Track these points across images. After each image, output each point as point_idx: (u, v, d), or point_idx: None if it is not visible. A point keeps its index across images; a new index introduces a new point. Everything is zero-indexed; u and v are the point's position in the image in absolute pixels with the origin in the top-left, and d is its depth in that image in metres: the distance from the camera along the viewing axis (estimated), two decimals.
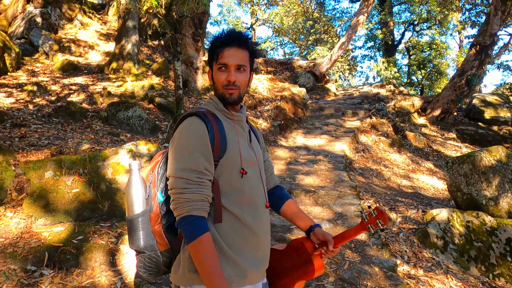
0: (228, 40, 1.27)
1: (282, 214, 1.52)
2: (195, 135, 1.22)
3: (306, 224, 1.45)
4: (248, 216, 1.27)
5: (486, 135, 9.64)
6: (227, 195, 1.25)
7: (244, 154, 1.30)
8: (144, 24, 11.81)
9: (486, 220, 3.85)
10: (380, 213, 1.34)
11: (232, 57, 1.26)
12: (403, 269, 3.25)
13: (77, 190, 3.20)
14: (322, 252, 1.38)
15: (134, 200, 1.28)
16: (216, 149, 1.23)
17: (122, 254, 2.85)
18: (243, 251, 1.26)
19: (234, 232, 1.25)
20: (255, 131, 1.51)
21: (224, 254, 1.23)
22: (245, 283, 1.26)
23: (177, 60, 5.87)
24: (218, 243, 1.23)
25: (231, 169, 1.26)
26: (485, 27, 9.96)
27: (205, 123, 1.24)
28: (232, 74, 1.26)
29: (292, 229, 3.63)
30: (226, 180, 1.26)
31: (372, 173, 6.35)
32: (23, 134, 4.49)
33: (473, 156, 4.19)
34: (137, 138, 5.47)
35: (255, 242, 1.29)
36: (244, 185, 1.27)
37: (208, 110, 1.32)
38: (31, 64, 8.57)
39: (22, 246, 2.65)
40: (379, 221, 1.34)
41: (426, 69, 16.60)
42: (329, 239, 1.36)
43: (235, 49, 1.27)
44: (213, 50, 1.30)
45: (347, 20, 21.56)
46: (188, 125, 1.25)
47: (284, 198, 1.52)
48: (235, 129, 1.33)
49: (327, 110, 9.81)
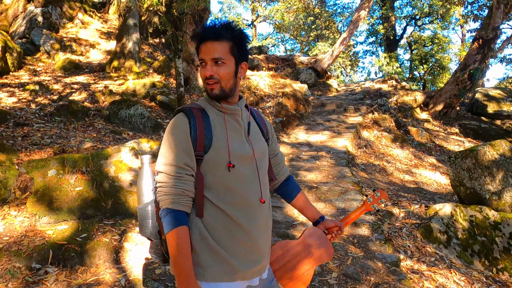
0: (204, 35, 1.26)
1: (293, 204, 1.61)
2: (178, 131, 1.25)
3: (314, 216, 1.59)
4: (239, 214, 1.25)
5: (489, 129, 9.59)
6: (215, 192, 1.25)
7: (235, 149, 1.27)
8: (145, 22, 11.79)
9: (489, 215, 3.84)
10: (382, 193, 1.63)
11: (207, 52, 1.25)
12: (406, 264, 3.25)
13: (80, 188, 3.22)
14: (332, 236, 1.55)
15: (144, 191, 1.35)
16: (200, 145, 1.24)
17: (126, 252, 2.86)
18: (233, 248, 1.25)
19: (223, 229, 1.25)
20: (262, 122, 1.48)
21: (212, 250, 1.24)
22: (235, 278, 1.26)
23: (178, 57, 5.87)
24: (205, 239, 1.24)
25: (219, 164, 1.25)
26: (488, 20, 9.88)
27: (188, 119, 1.26)
28: (208, 69, 1.25)
29: (295, 225, 3.64)
30: (213, 175, 1.25)
31: (375, 169, 6.33)
32: (26, 133, 4.51)
33: (476, 151, 4.17)
34: (139, 136, 5.48)
35: (249, 242, 1.28)
36: (233, 181, 1.26)
37: (198, 105, 1.33)
38: (32, 63, 8.59)
39: (26, 244, 2.66)
40: (382, 199, 1.60)
41: (428, 63, 16.50)
42: (339, 223, 1.56)
43: (211, 43, 1.25)
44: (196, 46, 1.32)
45: (348, 15, 21.47)
46: (174, 122, 1.29)
47: (297, 190, 1.60)
48: (225, 122, 1.31)
49: (329, 106, 9.79)
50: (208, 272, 1.23)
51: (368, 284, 2.76)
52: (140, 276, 2.63)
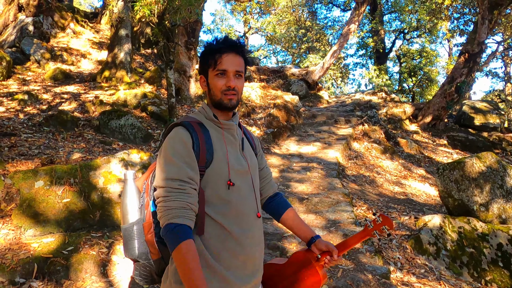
0: (226, 47, 1.28)
1: (282, 222, 1.51)
2: (180, 145, 1.22)
3: (307, 235, 1.45)
4: (236, 227, 1.25)
5: (477, 141, 9.78)
6: (214, 206, 1.24)
7: (233, 164, 1.28)
8: (137, 32, 11.83)
9: (477, 226, 3.89)
10: (386, 219, 1.39)
11: (231, 63, 1.28)
12: (396, 276, 3.26)
13: (67, 200, 3.16)
14: (325, 262, 1.38)
15: (129, 210, 1.30)
16: (202, 159, 1.23)
17: (114, 265, 2.81)
18: (230, 264, 1.24)
19: (220, 244, 1.23)
20: (250, 138, 1.49)
21: (209, 266, 1.21)
22: None
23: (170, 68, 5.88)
24: (203, 255, 1.21)
25: (218, 180, 1.25)
26: (473, 35, 10.17)
27: (190, 133, 1.25)
28: (232, 80, 1.27)
29: (286, 237, 3.62)
30: (213, 190, 1.24)
31: (365, 180, 6.38)
32: (13, 144, 4.43)
33: (464, 163, 4.24)
34: (129, 147, 5.44)
35: (243, 255, 1.27)
36: (232, 196, 1.25)
37: (195, 119, 1.31)
38: (22, 72, 8.51)
39: (10, 258, 2.60)
40: (385, 226, 1.38)
41: (417, 76, 16.84)
42: (333, 248, 1.38)
43: (233, 55, 1.28)
44: (209, 56, 1.30)
45: (338, 28, 21.85)
46: (174, 136, 1.26)
47: (285, 207, 1.52)
48: (223, 137, 1.32)
49: (319, 117, 9.87)
50: None
51: None
52: None
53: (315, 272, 1.38)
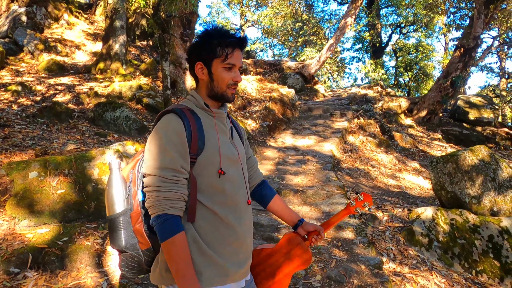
0: (239, 43, 1.31)
1: (269, 209, 1.57)
2: (172, 133, 1.21)
3: (293, 219, 1.55)
4: (229, 215, 1.26)
5: (471, 136, 9.86)
6: (207, 194, 1.25)
7: (225, 152, 1.29)
8: (132, 24, 11.70)
9: (469, 218, 3.94)
10: (367, 196, 1.56)
11: (239, 59, 1.32)
12: (389, 267, 3.30)
13: (62, 191, 3.16)
14: (312, 241, 1.49)
15: (115, 200, 1.27)
16: (194, 146, 1.22)
17: (108, 255, 2.82)
18: (224, 251, 1.25)
19: (214, 231, 1.24)
20: (238, 127, 1.51)
21: (204, 254, 1.22)
22: (226, 281, 1.26)
23: (165, 60, 5.85)
24: (197, 243, 1.22)
25: (211, 167, 1.25)
26: (469, 30, 10.19)
27: (182, 120, 1.24)
28: (239, 75, 1.33)
29: (279, 229, 3.65)
30: (205, 178, 1.25)
31: (360, 173, 6.42)
32: (7, 135, 4.40)
33: (457, 156, 4.28)
34: (124, 139, 5.42)
35: (236, 242, 1.29)
36: (225, 183, 1.26)
37: (186, 107, 1.31)
38: (15, 63, 8.41)
39: (5, 248, 2.60)
40: (366, 203, 1.55)
41: (413, 71, 16.87)
42: (319, 227, 1.50)
43: (240, 51, 1.33)
44: (219, 47, 1.29)
45: (335, 22, 21.78)
46: (165, 123, 1.24)
47: (271, 194, 1.57)
48: (215, 125, 1.32)
49: (315, 111, 9.89)
50: (204, 277, 1.21)
51: (351, 287, 2.79)
52: (121, 280, 2.59)
53: (307, 250, 1.48)
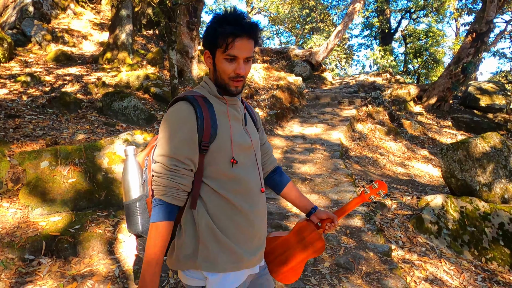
0: (241, 31, 1.18)
1: (283, 196, 1.57)
2: (181, 122, 1.20)
3: (307, 206, 1.53)
4: (243, 203, 1.26)
5: (481, 123, 9.69)
6: (220, 182, 1.25)
7: (237, 140, 1.27)
8: (138, 13, 11.65)
9: (479, 206, 3.90)
10: (381, 184, 1.53)
11: (243, 50, 1.19)
12: (397, 254, 3.30)
13: (73, 180, 3.20)
14: (325, 229, 1.49)
15: (131, 186, 1.29)
16: (206, 134, 1.21)
17: (120, 243, 2.87)
18: (238, 238, 1.26)
19: (228, 219, 1.25)
20: (252, 113, 1.48)
21: (219, 241, 1.23)
22: (241, 267, 1.27)
23: (172, 49, 5.82)
24: (212, 231, 1.22)
25: (223, 155, 1.24)
26: (481, 14, 9.91)
27: (194, 108, 1.22)
28: (242, 67, 1.22)
29: (288, 217, 3.67)
30: (218, 166, 1.24)
31: (368, 161, 6.38)
32: (18, 125, 4.46)
33: (468, 143, 4.22)
34: (132, 128, 5.46)
35: (251, 229, 1.29)
36: (238, 171, 1.26)
37: (199, 94, 1.29)
38: (24, 54, 8.46)
39: (19, 236, 2.66)
40: (381, 191, 1.52)
41: (423, 57, 16.56)
42: (333, 215, 1.48)
43: (246, 40, 1.19)
44: (219, 37, 1.19)
45: (343, 8, 21.38)
46: (176, 111, 1.22)
47: (285, 181, 1.56)
48: (228, 112, 1.30)
49: (323, 99, 9.80)
50: (219, 263, 1.22)
51: (360, 273, 2.80)
52: (134, 266, 2.64)
53: (320, 238, 1.48)
